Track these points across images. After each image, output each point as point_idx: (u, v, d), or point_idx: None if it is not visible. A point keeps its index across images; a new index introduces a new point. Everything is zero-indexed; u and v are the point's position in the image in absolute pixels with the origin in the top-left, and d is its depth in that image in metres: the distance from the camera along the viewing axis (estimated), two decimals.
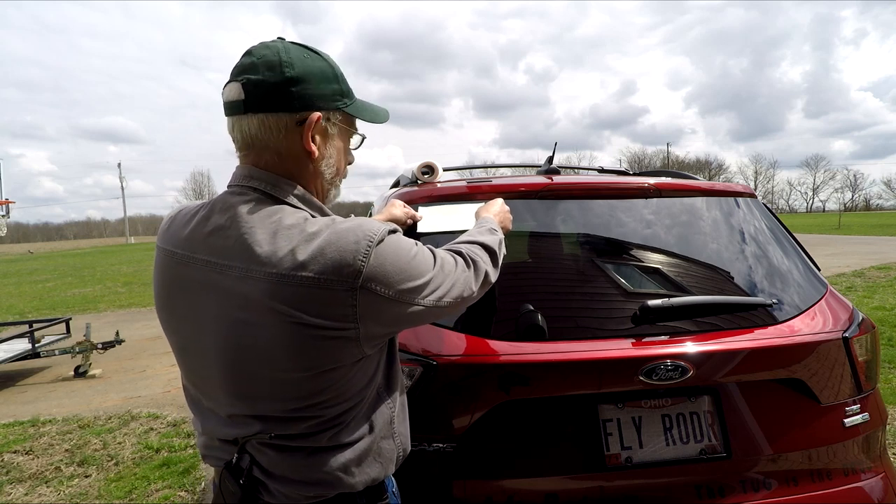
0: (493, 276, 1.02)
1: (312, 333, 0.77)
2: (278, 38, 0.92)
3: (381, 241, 0.83)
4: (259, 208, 0.84)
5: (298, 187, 0.89)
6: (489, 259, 1.02)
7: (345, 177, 1.01)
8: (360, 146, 1.02)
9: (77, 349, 5.30)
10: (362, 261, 0.79)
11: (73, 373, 5.30)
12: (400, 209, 1.48)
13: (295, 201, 0.88)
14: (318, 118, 0.86)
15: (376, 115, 0.99)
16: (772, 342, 1.31)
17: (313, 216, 0.86)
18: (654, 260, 1.47)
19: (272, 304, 0.76)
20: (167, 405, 4.23)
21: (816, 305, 1.45)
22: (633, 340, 1.29)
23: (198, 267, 0.82)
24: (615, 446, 1.25)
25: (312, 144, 0.87)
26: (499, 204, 1.28)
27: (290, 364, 0.79)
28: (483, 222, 1.15)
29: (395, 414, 0.95)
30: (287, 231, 0.80)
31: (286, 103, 0.84)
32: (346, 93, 0.92)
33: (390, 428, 0.94)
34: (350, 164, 1.01)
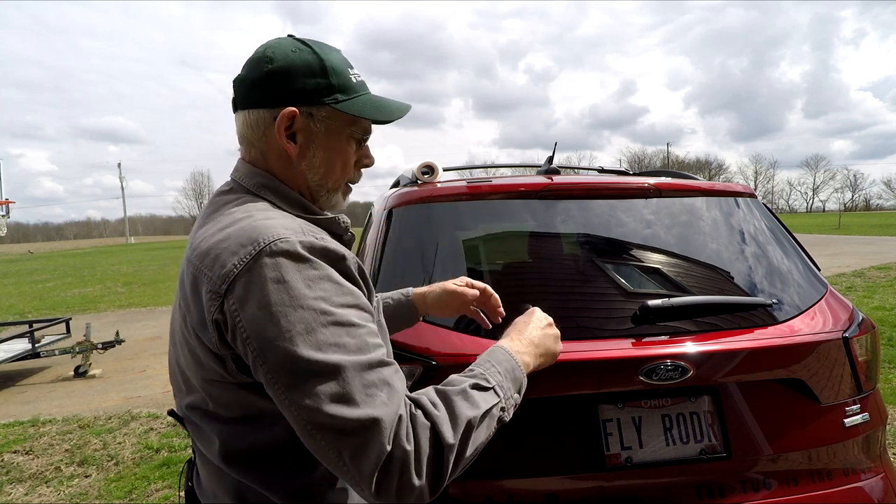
0: (447, 471, 0.67)
1: (190, 329, 0.73)
2: (288, 35, 0.88)
3: (277, 253, 0.67)
4: (230, 201, 0.80)
5: (275, 180, 0.84)
6: (459, 436, 0.68)
7: (352, 181, 0.91)
8: (361, 145, 0.89)
9: (77, 349, 5.30)
10: (236, 266, 0.67)
11: (73, 373, 5.31)
12: (457, 284, 1.17)
13: (269, 195, 0.82)
14: (292, 114, 0.80)
15: (379, 112, 0.85)
16: (772, 342, 1.31)
17: (286, 212, 0.80)
18: (654, 260, 1.47)
19: (180, 295, 0.77)
20: (167, 405, 4.23)
21: (816, 305, 1.45)
22: (633, 340, 1.29)
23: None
24: (615, 446, 1.25)
25: (291, 143, 0.82)
26: (536, 321, 0.97)
27: (188, 363, 0.76)
28: (502, 357, 0.84)
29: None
30: (225, 223, 0.75)
31: (264, 99, 0.81)
32: (338, 88, 0.82)
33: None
34: (365, 166, 0.91)
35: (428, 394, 0.72)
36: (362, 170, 0.93)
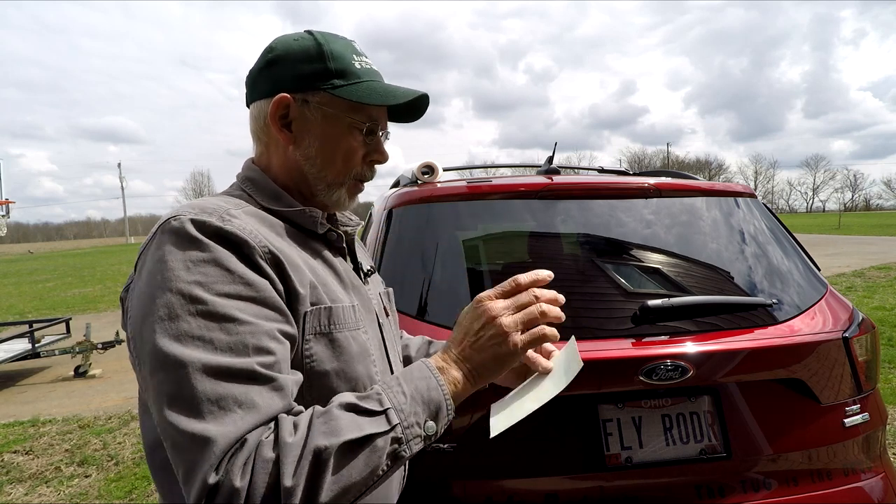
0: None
1: None
2: (305, 31, 0.83)
3: (167, 230, 0.64)
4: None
5: (260, 173, 0.82)
6: (316, 472, 0.55)
7: (361, 177, 0.84)
8: (369, 137, 0.82)
9: (77, 349, 5.30)
10: (145, 246, 0.66)
11: (73, 373, 5.31)
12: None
13: (249, 187, 0.80)
14: (284, 100, 0.77)
15: (377, 96, 0.77)
16: (772, 342, 1.31)
17: (257, 204, 0.77)
18: (654, 260, 1.47)
19: None
20: None
21: (816, 305, 1.45)
22: (633, 340, 1.29)
23: None
24: (615, 446, 1.25)
25: (285, 131, 0.79)
26: (472, 318, 0.73)
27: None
28: (417, 374, 0.68)
29: None
30: None
31: (263, 90, 0.79)
32: (336, 73, 0.76)
33: None
34: (376, 161, 0.85)
35: (307, 413, 0.60)
36: (375, 167, 0.86)
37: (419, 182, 1.83)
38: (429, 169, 1.86)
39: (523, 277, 0.75)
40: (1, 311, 10.46)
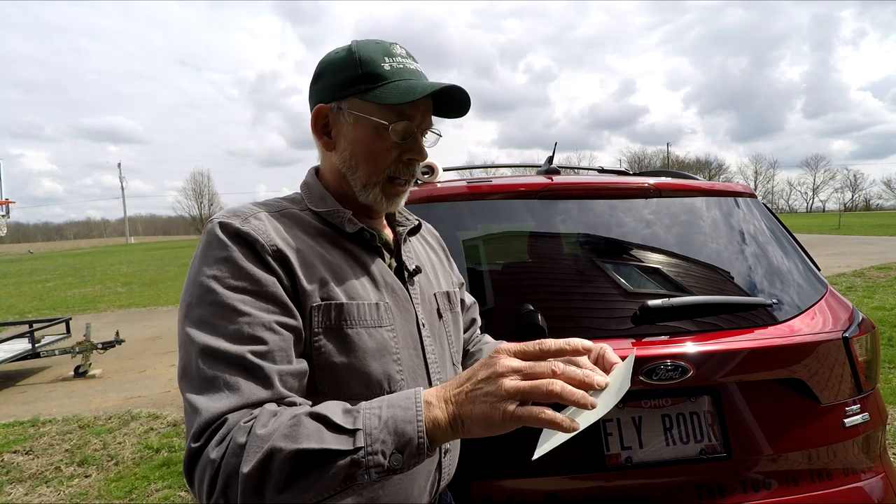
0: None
1: None
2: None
3: (205, 232, 0.76)
4: None
5: (313, 176, 0.91)
6: (269, 469, 0.57)
7: (396, 176, 0.85)
8: (401, 136, 0.82)
9: (77, 349, 5.31)
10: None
11: (73, 373, 5.31)
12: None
13: (304, 190, 0.90)
14: (322, 110, 0.84)
15: (397, 95, 0.78)
16: (772, 342, 1.31)
17: (305, 205, 0.86)
18: (654, 260, 1.47)
19: None
20: (167, 405, 4.23)
21: (816, 305, 1.45)
22: (633, 340, 1.29)
23: None
24: (615, 446, 1.25)
25: (325, 138, 0.86)
26: (481, 369, 0.65)
27: None
28: (403, 402, 0.64)
29: None
30: None
31: (311, 103, 0.87)
32: (364, 77, 0.80)
33: None
34: (411, 160, 0.85)
35: (288, 411, 0.62)
36: (416, 166, 0.87)
37: (419, 182, 1.83)
38: (429, 169, 1.86)
39: (550, 343, 0.65)
40: (1, 311, 10.47)
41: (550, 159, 2.11)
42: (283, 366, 0.68)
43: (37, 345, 5.30)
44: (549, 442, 0.66)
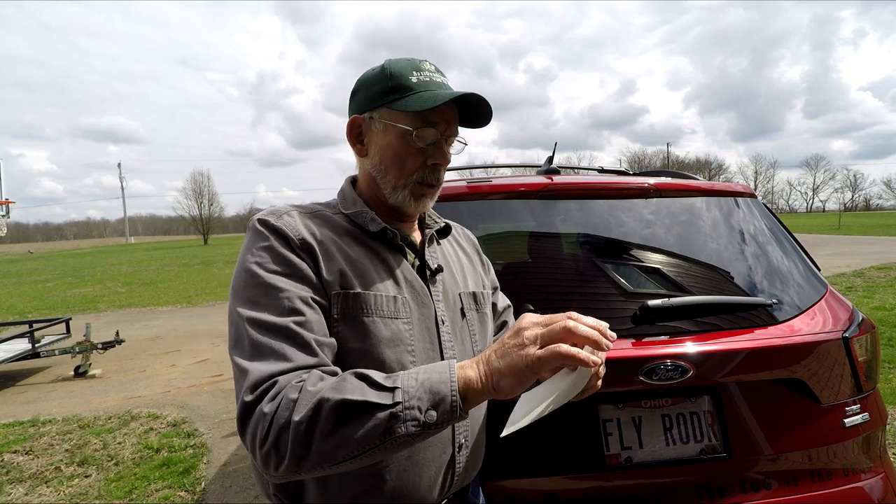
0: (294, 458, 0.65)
1: None
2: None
3: (249, 227, 0.86)
4: None
5: (348, 183, 0.99)
6: (318, 426, 0.65)
7: (423, 181, 0.90)
8: (426, 143, 0.88)
9: (77, 349, 5.30)
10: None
11: (73, 373, 5.30)
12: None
13: (340, 195, 0.99)
14: (356, 121, 0.93)
15: (420, 103, 0.85)
16: (772, 342, 1.31)
17: (336, 207, 0.95)
18: (654, 260, 1.47)
19: None
20: (167, 405, 4.23)
21: (816, 305, 1.45)
22: (633, 340, 1.29)
23: None
24: (615, 446, 1.25)
25: (358, 145, 0.94)
26: (513, 331, 0.72)
27: None
28: (439, 366, 0.72)
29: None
30: None
31: (349, 115, 0.95)
32: (392, 89, 0.87)
33: None
34: (436, 164, 0.90)
35: (339, 375, 0.71)
36: (441, 170, 0.92)
37: None
38: None
39: (573, 314, 0.72)
40: (1, 311, 10.46)
41: (550, 159, 2.11)
42: (320, 336, 0.77)
43: (37, 345, 5.30)
44: (521, 422, 0.70)
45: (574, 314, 0.71)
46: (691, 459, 1.26)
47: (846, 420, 1.34)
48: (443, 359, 0.90)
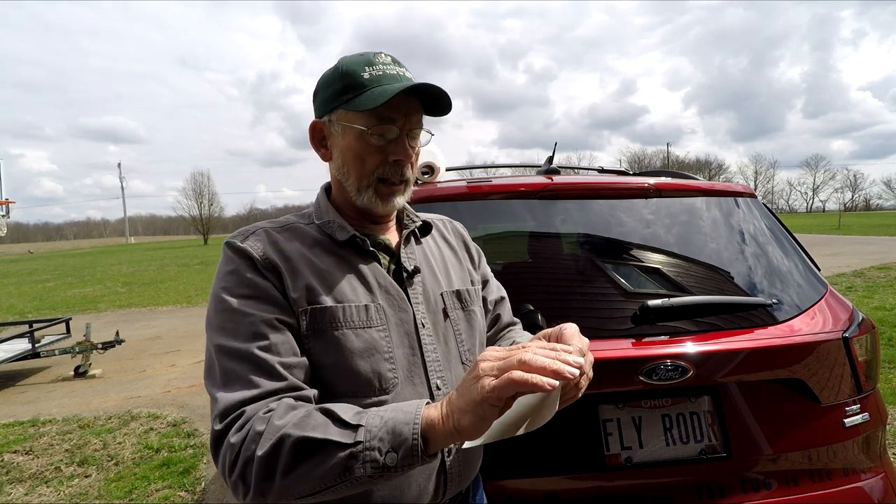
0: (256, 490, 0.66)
1: None
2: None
3: (224, 248, 0.85)
4: None
5: (321, 189, 0.98)
6: (272, 463, 0.65)
7: (385, 178, 0.88)
8: (383, 139, 0.86)
9: (77, 349, 5.30)
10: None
11: (73, 373, 5.30)
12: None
13: (314, 204, 0.97)
14: (317, 125, 0.92)
15: (367, 101, 0.82)
16: (772, 342, 1.31)
17: (310, 217, 0.95)
18: (654, 260, 1.47)
19: None
20: (167, 405, 4.23)
21: (816, 305, 1.45)
22: (633, 340, 1.29)
23: None
24: (615, 446, 1.25)
25: (322, 150, 0.93)
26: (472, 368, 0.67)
27: None
28: (406, 406, 0.69)
29: None
30: None
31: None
32: (346, 89, 0.85)
33: None
34: (397, 161, 0.87)
35: (305, 407, 0.70)
36: (405, 166, 0.89)
37: (419, 182, 1.83)
38: (428, 169, 1.86)
39: (531, 347, 0.67)
40: (1, 311, 10.46)
41: (550, 159, 2.11)
42: (287, 358, 0.76)
43: (37, 345, 5.30)
44: (478, 439, 0.67)
45: (531, 348, 0.64)
46: (691, 459, 1.26)
47: (846, 420, 1.34)
48: (425, 364, 0.88)
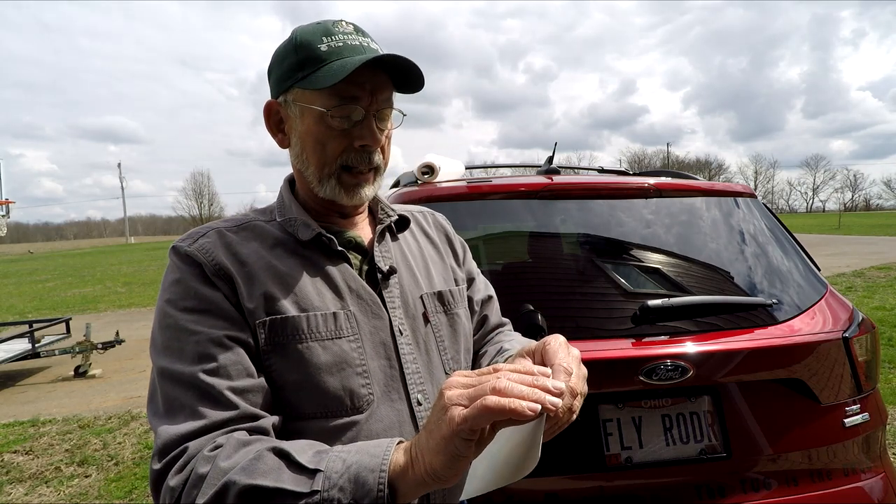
0: None
1: None
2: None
3: (169, 253, 0.75)
4: None
5: (284, 181, 0.88)
6: None
7: (349, 165, 0.78)
8: (347, 121, 0.75)
9: (77, 349, 5.30)
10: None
11: (73, 373, 5.30)
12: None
13: (278, 199, 0.87)
14: (273, 106, 0.80)
15: (326, 78, 0.71)
16: (772, 342, 1.31)
17: (271, 214, 0.84)
18: (654, 260, 1.47)
19: None
20: None
21: (816, 305, 1.45)
22: (633, 340, 1.29)
23: None
24: (615, 446, 1.25)
25: (279, 135, 0.82)
26: (436, 403, 0.56)
27: None
28: (374, 450, 0.58)
29: None
30: None
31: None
32: (301, 63, 0.73)
33: None
34: (363, 146, 0.77)
35: (254, 445, 0.60)
36: (372, 153, 0.78)
37: (419, 182, 1.83)
38: (428, 169, 1.86)
39: (505, 373, 0.56)
40: (1, 311, 10.46)
41: (550, 159, 2.11)
42: (239, 381, 0.66)
43: (37, 345, 5.30)
44: (473, 487, 0.61)
45: (505, 373, 0.55)
46: (691, 459, 1.26)
47: (846, 420, 1.34)
48: (404, 376, 0.78)
